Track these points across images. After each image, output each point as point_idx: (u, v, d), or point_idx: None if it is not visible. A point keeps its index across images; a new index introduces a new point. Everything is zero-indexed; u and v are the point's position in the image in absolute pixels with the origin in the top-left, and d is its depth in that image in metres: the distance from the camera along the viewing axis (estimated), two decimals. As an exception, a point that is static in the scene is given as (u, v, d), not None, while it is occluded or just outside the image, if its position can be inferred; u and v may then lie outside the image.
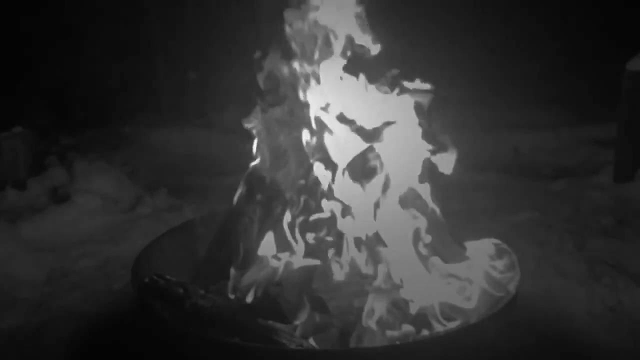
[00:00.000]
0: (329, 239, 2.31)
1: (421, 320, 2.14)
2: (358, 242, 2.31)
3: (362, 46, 2.56)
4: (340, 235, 2.31)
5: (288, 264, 2.20)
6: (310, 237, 2.32)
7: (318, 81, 2.52)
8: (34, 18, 6.64)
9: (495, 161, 5.56)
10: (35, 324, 3.05)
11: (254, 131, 2.61)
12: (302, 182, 2.44)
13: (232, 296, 2.23)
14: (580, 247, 3.70)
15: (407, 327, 2.10)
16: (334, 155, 2.40)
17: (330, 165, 2.39)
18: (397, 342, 2.06)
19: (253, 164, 2.60)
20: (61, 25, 6.71)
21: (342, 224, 2.32)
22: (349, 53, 2.56)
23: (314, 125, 2.46)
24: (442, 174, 2.41)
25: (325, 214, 2.34)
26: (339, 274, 2.27)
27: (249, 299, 2.18)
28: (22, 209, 4.41)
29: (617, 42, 5.91)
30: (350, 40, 2.55)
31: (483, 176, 5.09)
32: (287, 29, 2.55)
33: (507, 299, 2.16)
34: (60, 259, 3.71)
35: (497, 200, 4.54)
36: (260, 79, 2.57)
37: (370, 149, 2.37)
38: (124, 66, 7.09)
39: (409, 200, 2.39)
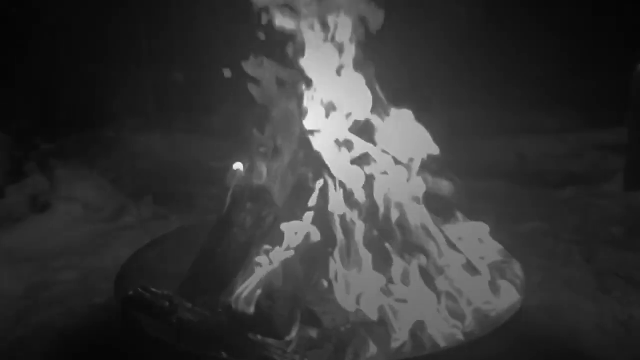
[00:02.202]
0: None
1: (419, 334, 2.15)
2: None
3: None
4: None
5: (280, 275, 2.19)
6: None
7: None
8: (12, 18, 6.63)
9: (498, 168, 5.54)
10: (12, 340, 3.03)
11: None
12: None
13: (220, 310, 2.22)
14: (589, 258, 3.71)
15: (405, 341, 2.11)
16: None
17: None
18: (396, 358, 2.06)
19: (243, 171, 2.60)
20: (42, 26, 6.70)
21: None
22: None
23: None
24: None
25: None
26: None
27: (239, 312, 2.18)
28: (0, 218, 4.40)
29: (626, 42, 5.93)
30: None
31: (486, 183, 5.08)
32: None
33: (511, 314, 2.16)
34: (40, 271, 3.70)
35: (500, 208, 4.52)
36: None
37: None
38: (107, 68, 7.08)
39: None
